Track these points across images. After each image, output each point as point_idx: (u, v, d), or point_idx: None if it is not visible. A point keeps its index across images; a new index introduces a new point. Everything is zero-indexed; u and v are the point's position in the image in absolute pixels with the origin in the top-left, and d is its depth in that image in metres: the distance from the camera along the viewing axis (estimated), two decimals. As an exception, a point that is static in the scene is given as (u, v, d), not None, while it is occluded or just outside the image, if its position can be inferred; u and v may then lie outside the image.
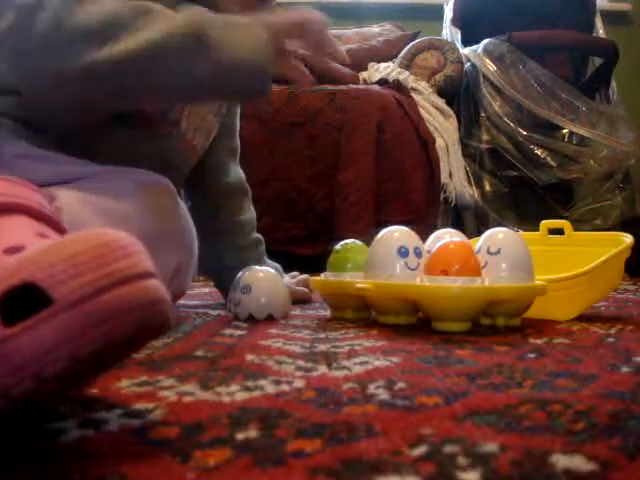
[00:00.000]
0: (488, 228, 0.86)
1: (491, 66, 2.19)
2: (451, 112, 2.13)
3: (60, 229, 0.45)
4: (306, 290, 1.09)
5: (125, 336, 0.33)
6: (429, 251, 0.79)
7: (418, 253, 0.78)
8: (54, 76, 0.68)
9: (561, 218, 1.03)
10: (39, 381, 0.31)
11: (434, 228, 0.96)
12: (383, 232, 0.81)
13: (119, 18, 0.67)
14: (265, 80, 0.73)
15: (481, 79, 2.21)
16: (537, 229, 1.00)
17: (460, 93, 2.27)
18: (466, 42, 2.38)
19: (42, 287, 0.31)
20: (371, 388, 0.46)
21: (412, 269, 0.77)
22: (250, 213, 1.10)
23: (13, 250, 0.37)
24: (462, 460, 0.31)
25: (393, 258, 0.78)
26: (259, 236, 1.11)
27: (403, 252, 0.77)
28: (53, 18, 0.66)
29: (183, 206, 0.77)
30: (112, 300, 0.32)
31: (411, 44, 2.28)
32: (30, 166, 0.69)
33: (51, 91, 0.69)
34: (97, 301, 0.32)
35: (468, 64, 2.28)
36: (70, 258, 0.32)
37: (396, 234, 0.80)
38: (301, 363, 0.55)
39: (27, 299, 0.32)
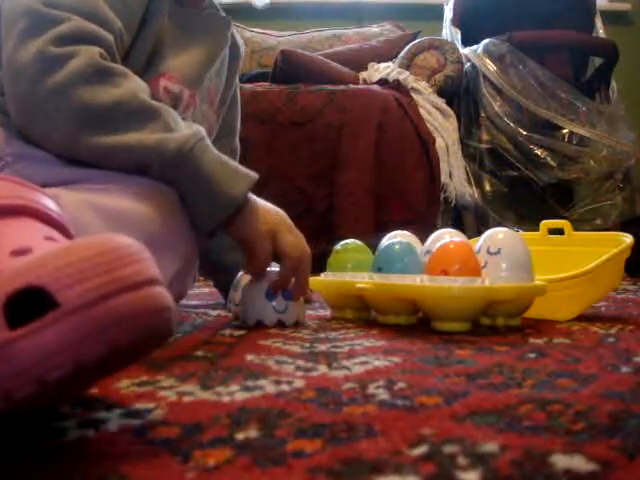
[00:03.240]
0: (488, 228, 0.86)
1: (491, 66, 2.19)
2: (451, 112, 2.13)
3: (67, 233, 0.45)
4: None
5: (129, 342, 0.33)
6: (429, 251, 0.79)
7: (287, 295, 0.78)
8: (43, 135, 0.70)
9: (561, 218, 1.03)
10: (42, 385, 0.31)
11: (434, 228, 0.96)
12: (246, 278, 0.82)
13: (124, 108, 0.69)
14: (219, 218, 0.73)
15: (481, 79, 2.21)
16: (537, 229, 1.00)
17: (460, 93, 2.27)
18: (466, 42, 2.37)
19: (48, 290, 0.31)
20: (371, 388, 0.46)
21: (279, 312, 0.78)
22: None
23: (20, 252, 0.37)
24: (462, 460, 0.31)
25: (262, 301, 0.78)
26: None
27: (270, 296, 0.78)
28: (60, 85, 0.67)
29: (184, 208, 0.76)
30: (117, 306, 0.32)
31: (411, 44, 2.28)
32: (30, 167, 0.69)
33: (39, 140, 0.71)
34: (102, 306, 0.31)
35: (468, 64, 2.27)
36: (77, 263, 0.32)
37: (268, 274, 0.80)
38: (301, 363, 0.55)
39: (34, 303, 0.31)
